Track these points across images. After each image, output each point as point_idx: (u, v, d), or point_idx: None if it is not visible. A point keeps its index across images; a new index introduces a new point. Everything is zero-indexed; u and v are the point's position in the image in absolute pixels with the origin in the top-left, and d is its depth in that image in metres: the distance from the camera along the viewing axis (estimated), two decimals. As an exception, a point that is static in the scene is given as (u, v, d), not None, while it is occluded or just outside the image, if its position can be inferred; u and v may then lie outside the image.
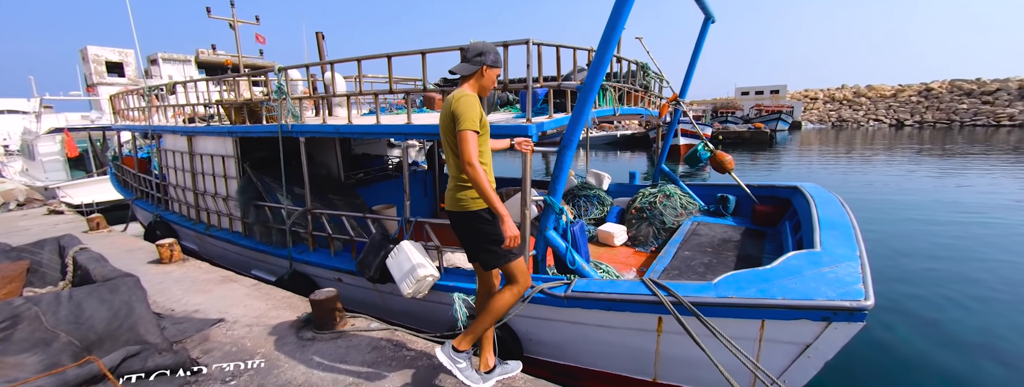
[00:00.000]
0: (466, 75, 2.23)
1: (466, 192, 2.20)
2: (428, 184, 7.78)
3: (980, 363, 4.13)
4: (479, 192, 2.09)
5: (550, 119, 3.10)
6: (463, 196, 2.20)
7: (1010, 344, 4.43)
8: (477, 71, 2.22)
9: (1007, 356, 4.22)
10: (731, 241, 4.76)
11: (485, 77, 2.24)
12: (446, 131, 2.18)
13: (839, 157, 20.17)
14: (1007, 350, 4.32)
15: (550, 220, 3.02)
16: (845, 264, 2.55)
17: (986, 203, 10.31)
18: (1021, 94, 35.44)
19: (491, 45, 2.27)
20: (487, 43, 2.28)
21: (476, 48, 2.23)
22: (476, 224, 2.21)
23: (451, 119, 2.10)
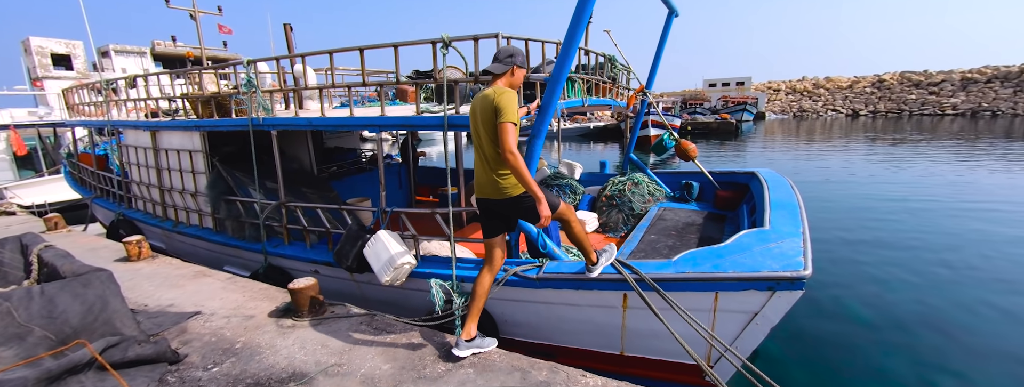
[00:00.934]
0: (498, 74, 2.43)
1: (507, 180, 2.39)
2: (402, 176, 7.80)
3: (916, 329, 4.57)
4: (520, 177, 2.27)
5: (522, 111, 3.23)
6: (506, 184, 2.39)
7: (942, 312, 4.90)
8: (508, 70, 2.43)
9: (939, 322, 4.68)
10: (694, 225, 5.04)
11: (515, 76, 2.45)
12: (485, 122, 2.33)
13: (800, 146, 21.17)
14: (939, 317, 4.78)
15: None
16: (789, 240, 2.81)
17: (927, 185, 11.13)
18: (963, 85, 37.88)
19: (519, 48, 2.54)
20: (516, 47, 2.56)
21: (507, 51, 2.47)
22: (522, 206, 2.43)
23: (493, 111, 2.26)
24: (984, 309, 4.94)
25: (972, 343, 4.30)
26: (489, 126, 2.32)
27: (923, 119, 34.41)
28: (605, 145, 25.39)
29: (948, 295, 5.31)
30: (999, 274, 5.82)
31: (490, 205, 2.51)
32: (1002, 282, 5.56)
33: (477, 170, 2.50)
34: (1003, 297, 5.17)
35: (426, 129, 3.30)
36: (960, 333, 4.48)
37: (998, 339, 4.36)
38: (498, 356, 2.63)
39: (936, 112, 36.91)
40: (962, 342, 4.32)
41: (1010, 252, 6.52)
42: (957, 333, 4.48)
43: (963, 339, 4.37)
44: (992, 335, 4.44)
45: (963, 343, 4.31)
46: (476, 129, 2.40)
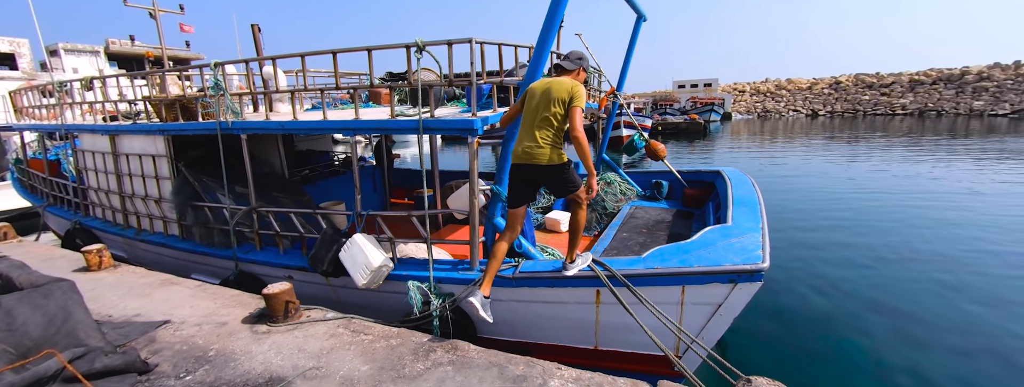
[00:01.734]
0: (568, 70, 2.92)
1: (557, 151, 2.79)
2: (376, 179, 7.74)
3: (866, 314, 4.90)
4: (583, 153, 2.66)
5: (494, 113, 3.30)
6: (553, 153, 2.78)
7: (891, 295, 5.27)
8: (577, 69, 2.94)
9: (885, 307, 5.02)
10: (664, 222, 5.23)
11: (580, 75, 2.96)
12: (555, 101, 2.71)
13: (764, 145, 22.06)
14: (886, 301, 5.14)
15: (497, 208, 3.24)
16: (749, 235, 2.99)
17: (879, 179, 11.84)
18: (911, 87, 40.33)
19: (586, 54, 3.04)
20: (583, 52, 3.06)
21: (577, 54, 3.01)
22: (562, 173, 2.83)
23: (569, 96, 2.69)
24: (922, 288, 5.41)
25: (915, 319, 4.70)
26: (555, 105, 2.71)
27: (876, 119, 36.43)
28: (579, 145, 25.71)
29: (893, 277, 5.74)
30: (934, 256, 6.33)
31: (530, 171, 2.82)
32: (935, 262, 6.03)
33: (524, 140, 2.81)
34: (940, 275, 5.68)
35: (401, 133, 3.33)
36: (903, 312, 4.88)
37: (936, 315, 4.78)
38: (476, 353, 2.69)
39: (888, 112, 39.15)
40: (906, 320, 4.70)
41: (946, 236, 7.05)
42: (901, 312, 4.87)
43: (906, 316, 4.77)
44: (930, 311, 4.87)
45: (907, 321, 4.69)
46: (539, 104, 2.76)
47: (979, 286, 5.46)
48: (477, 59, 2.98)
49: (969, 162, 14.32)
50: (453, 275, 3.31)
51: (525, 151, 2.78)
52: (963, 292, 5.32)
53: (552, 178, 2.83)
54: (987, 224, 7.77)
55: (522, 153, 2.80)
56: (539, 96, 2.76)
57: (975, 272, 5.86)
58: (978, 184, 10.99)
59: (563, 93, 2.68)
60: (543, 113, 2.72)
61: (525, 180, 2.90)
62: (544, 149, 2.74)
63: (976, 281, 5.59)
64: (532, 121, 2.77)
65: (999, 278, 5.66)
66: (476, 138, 3.03)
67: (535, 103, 2.77)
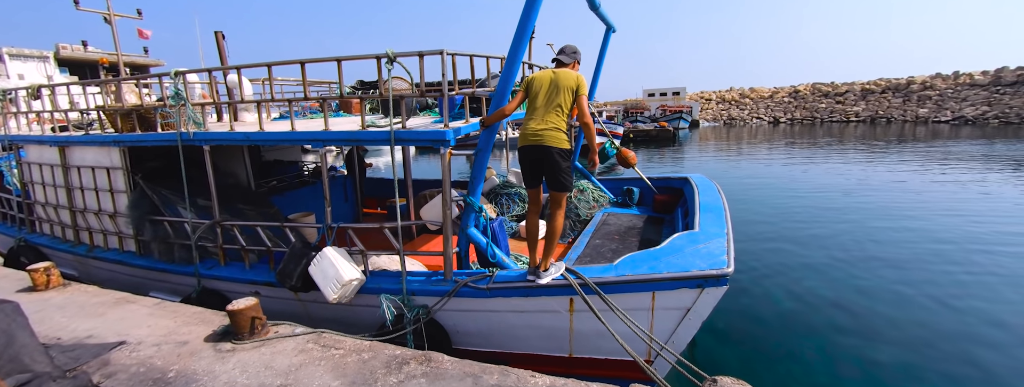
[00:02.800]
0: (566, 63, 3.14)
1: (563, 136, 2.97)
2: (348, 189, 7.60)
3: (829, 311, 5.13)
4: (591, 133, 3.01)
5: (467, 124, 3.32)
6: (560, 137, 2.96)
7: (847, 292, 5.54)
8: (573, 62, 3.16)
9: (842, 303, 5.28)
10: (635, 228, 5.35)
11: (576, 67, 3.19)
12: (563, 90, 2.93)
13: (729, 151, 22.89)
14: (843, 298, 5.40)
15: (470, 218, 3.24)
16: (715, 240, 3.10)
17: (834, 183, 12.47)
18: (863, 95, 42.80)
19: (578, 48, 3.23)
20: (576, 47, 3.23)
21: (571, 48, 3.21)
22: (565, 159, 2.99)
23: (576, 85, 2.93)
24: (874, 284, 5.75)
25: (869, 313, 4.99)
26: (564, 93, 2.93)
27: (832, 125, 38.43)
28: (553, 153, 25.97)
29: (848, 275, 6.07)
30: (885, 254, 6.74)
31: (538, 152, 2.98)
32: (885, 260, 6.41)
33: (532, 123, 2.98)
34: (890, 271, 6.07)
35: (372, 144, 3.30)
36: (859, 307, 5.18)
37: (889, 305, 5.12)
38: (450, 364, 2.67)
39: (842, 119, 41.37)
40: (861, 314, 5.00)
41: (894, 237, 7.49)
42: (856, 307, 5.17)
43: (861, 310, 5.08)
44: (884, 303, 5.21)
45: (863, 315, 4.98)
46: (548, 92, 2.96)
47: (926, 280, 5.81)
48: (448, 70, 3.00)
49: (915, 164, 15.28)
50: (427, 287, 3.28)
51: (536, 133, 2.94)
52: (914, 286, 5.65)
53: (554, 161, 2.97)
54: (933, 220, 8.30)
55: (532, 135, 2.96)
56: (548, 85, 2.96)
57: (923, 268, 6.24)
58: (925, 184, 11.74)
59: (571, 82, 2.92)
60: (555, 100, 2.92)
61: (532, 161, 3.05)
62: (554, 133, 2.93)
63: (922, 275, 5.96)
64: (543, 106, 2.95)
65: (943, 274, 6.04)
66: (449, 149, 3.04)
67: (544, 91, 2.96)
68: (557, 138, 2.93)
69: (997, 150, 18.07)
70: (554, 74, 2.98)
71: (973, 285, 5.67)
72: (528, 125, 2.98)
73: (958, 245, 7.09)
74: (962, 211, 9.10)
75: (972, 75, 38.12)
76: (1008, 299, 5.26)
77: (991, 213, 8.90)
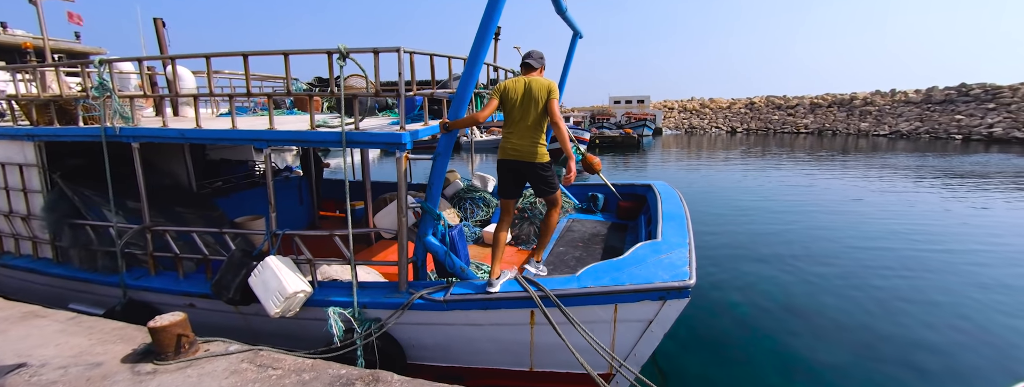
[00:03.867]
0: (535, 67, 3.12)
1: (542, 148, 3.02)
2: (304, 191, 7.20)
3: (786, 317, 5.27)
4: (564, 136, 2.94)
5: (425, 126, 3.15)
6: (541, 151, 3.03)
7: (798, 295, 5.72)
8: (541, 67, 3.15)
9: (793, 306, 5.44)
10: (599, 235, 5.32)
11: (541, 72, 3.16)
12: (538, 100, 2.94)
13: (690, 158, 23.66)
14: (794, 301, 5.57)
15: (428, 226, 3.07)
16: (677, 251, 3.06)
17: (784, 191, 13.06)
18: (812, 109, 45.50)
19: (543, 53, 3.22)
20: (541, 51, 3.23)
21: (539, 53, 3.20)
22: (548, 171, 3.08)
23: (548, 91, 2.94)
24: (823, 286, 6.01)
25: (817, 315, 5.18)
26: (538, 102, 2.94)
27: (784, 136, 40.60)
28: (521, 156, 25.99)
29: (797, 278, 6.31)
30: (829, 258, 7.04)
31: (520, 167, 3.05)
32: (833, 263, 6.70)
33: (514, 138, 3.01)
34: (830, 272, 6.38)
35: (321, 145, 3.06)
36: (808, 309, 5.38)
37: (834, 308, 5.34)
38: (399, 383, 2.48)
39: (793, 130, 43.76)
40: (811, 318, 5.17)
41: (843, 241, 7.89)
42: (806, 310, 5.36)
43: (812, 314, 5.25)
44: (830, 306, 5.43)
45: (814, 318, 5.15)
46: (525, 104, 2.96)
47: (869, 284, 6.10)
48: (406, 69, 2.82)
49: (857, 174, 16.28)
50: (380, 299, 3.07)
51: (516, 148, 3.01)
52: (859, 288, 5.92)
53: (539, 174, 3.08)
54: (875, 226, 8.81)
55: (512, 151, 3.02)
56: (522, 95, 2.96)
57: (867, 271, 6.55)
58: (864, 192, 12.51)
59: (543, 91, 2.95)
60: (533, 113, 2.96)
61: (513, 175, 3.14)
62: (535, 148, 2.99)
63: (865, 278, 6.26)
64: (521, 120, 2.98)
65: (883, 277, 6.36)
66: (405, 153, 2.86)
67: (520, 103, 2.97)
68: (539, 153, 3.01)
69: (929, 162, 19.55)
70: (527, 83, 2.98)
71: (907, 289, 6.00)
72: (509, 140, 3.03)
73: (896, 251, 7.52)
74: (901, 218, 9.72)
75: (907, 93, 41.29)
76: (937, 301, 5.59)
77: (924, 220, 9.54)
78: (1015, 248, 7.65)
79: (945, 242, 7.98)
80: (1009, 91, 33.82)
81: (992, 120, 31.82)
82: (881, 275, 6.46)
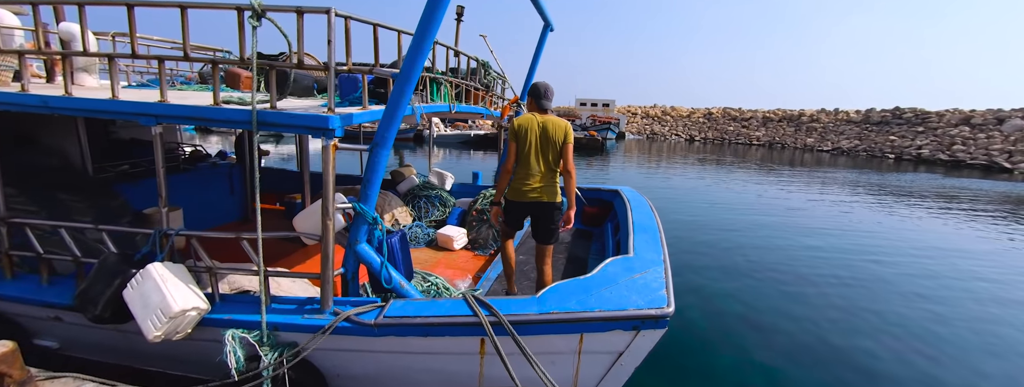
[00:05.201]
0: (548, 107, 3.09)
1: (556, 188, 3.08)
2: (235, 180, 6.36)
3: (737, 324, 5.07)
4: (573, 185, 3.04)
5: (363, 111, 2.59)
6: (555, 191, 3.08)
7: (753, 306, 5.55)
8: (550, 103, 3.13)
9: (753, 314, 5.28)
10: (563, 243, 4.93)
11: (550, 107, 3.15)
12: (555, 142, 2.99)
13: (651, 163, 24.02)
14: (751, 311, 5.42)
15: (362, 231, 2.51)
16: (652, 269, 2.68)
17: (735, 200, 13.33)
18: (764, 122, 47.86)
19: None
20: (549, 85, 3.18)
21: (553, 91, 3.14)
22: (556, 211, 3.11)
23: (564, 135, 2.99)
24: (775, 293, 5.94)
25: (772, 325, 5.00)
26: (558, 145, 2.99)
27: (738, 146, 42.37)
28: (485, 153, 25.50)
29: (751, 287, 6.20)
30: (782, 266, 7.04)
31: (535, 208, 3.11)
32: (781, 272, 6.68)
33: (532, 181, 3.03)
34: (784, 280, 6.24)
35: (225, 125, 2.44)
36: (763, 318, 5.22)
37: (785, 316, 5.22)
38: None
39: (746, 142, 45.76)
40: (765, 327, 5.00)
41: (790, 252, 7.97)
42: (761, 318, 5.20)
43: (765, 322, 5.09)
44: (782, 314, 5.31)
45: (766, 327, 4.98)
46: (543, 146, 2.99)
47: (819, 292, 6.06)
48: (339, 38, 2.26)
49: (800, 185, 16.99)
50: (297, 320, 2.49)
51: (535, 191, 3.03)
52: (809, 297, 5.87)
53: (551, 218, 3.10)
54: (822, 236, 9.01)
55: (531, 193, 3.02)
56: (540, 135, 2.97)
57: (818, 280, 6.56)
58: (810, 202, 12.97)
59: (560, 134, 2.96)
60: (551, 155, 3.00)
61: (524, 215, 3.20)
62: (554, 188, 3.06)
63: (817, 286, 6.24)
64: (537, 163, 2.99)
65: (831, 285, 6.36)
66: (333, 141, 2.29)
67: (534, 143, 2.97)
68: (553, 193, 3.04)
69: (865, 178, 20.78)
70: (542, 123, 2.97)
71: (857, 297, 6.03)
72: (526, 182, 3.02)
73: (841, 258, 7.65)
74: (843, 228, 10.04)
75: (848, 113, 44.23)
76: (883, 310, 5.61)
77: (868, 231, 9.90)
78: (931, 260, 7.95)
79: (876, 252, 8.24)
80: (936, 116, 36.89)
81: (921, 142, 34.53)
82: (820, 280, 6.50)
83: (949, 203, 14.11)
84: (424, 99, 3.72)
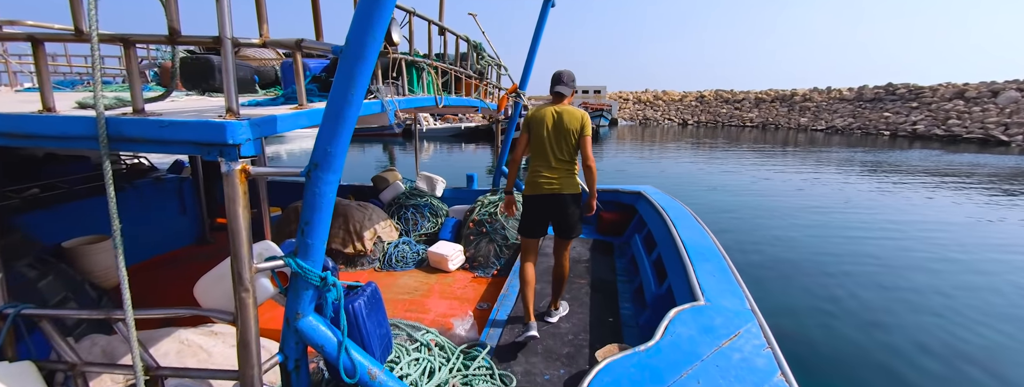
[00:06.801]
0: (565, 94, 2.91)
1: (574, 179, 2.90)
2: (187, 197, 5.39)
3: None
4: (593, 178, 2.88)
5: (295, 111, 1.66)
6: (574, 182, 2.89)
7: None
8: (572, 92, 2.95)
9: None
10: (581, 261, 4.08)
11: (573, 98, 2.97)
12: (571, 133, 2.80)
13: (645, 149, 23.22)
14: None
15: (305, 300, 1.60)
16: (745, 329, 1.83)
17: (737, 182, 12.58)
18: (757, 103, 47.20)
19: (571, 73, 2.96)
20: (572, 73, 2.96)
21: (571, 75, 2.95)
22: (574, 203, 2.91)
23: (581, 125, 2.81)
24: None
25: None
26: (571, 135, 2.80)
27: (731, 129, 41.74)
28: (477, 146, 24.50)
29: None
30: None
31: (553, 200, 2.86)
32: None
33: (545, 171, 2.85)
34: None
35: (54, 143, 1.50)
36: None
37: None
38: None
39: (739, 124, 45.18)
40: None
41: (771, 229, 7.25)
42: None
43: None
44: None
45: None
46: (556, 137, 2.81)
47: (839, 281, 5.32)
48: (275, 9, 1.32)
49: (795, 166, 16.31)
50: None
51: (549, 182, 2.85)
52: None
53: (569, 209, 2.89)
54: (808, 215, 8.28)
55: (545, 184, 2.86)
56: (552, 127, 2.82)
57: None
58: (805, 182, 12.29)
59: (575, 124, 2.79)
60: (566, 147, 2.82)
61: (542, 211, 2.94)
62: (572, 178, 2.88)
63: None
64: (552, 154, 2.83)
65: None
66: (240, 164, 1.37)
67: (548, 135, 2.82)
68: (571, 184, 2.87)
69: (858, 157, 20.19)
70: (557, 113, 2.82)
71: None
72: (540, 173, 2.88)
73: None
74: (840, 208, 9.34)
75: (841, 91, 43.69)
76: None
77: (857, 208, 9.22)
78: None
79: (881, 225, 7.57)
80: (929, 91, 36.46)
81: (915, 118, 34.15)
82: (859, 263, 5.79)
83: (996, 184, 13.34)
84: (400, 90, 2.80)
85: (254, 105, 1.93)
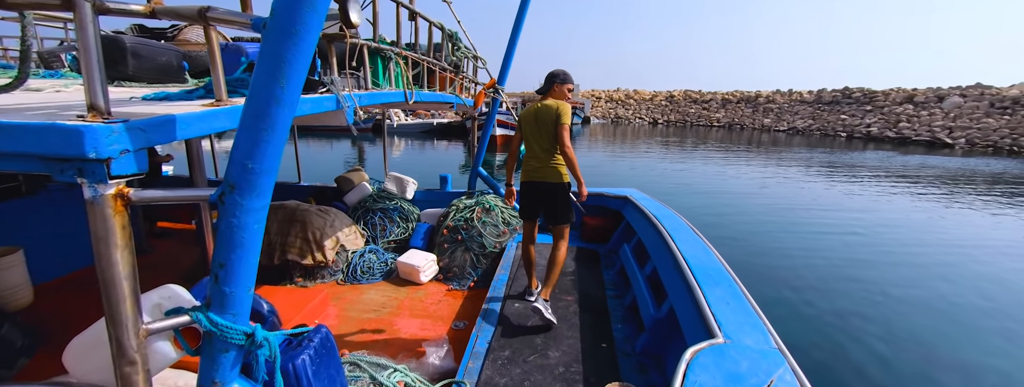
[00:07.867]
0: (546, 91, 3.09)
1: (562, 168, 3.00)
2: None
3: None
4: (574, 166, 2.93)
5: (211, 108, 1.23)
6: (562, 171, 3.01)
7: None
8: (551, 88, 3.07)
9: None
10: (566, 273, 3.75)
11: (557, 91, 3.06)
12: (547, 124, 2.93)
13: (617, 147, 23.30)
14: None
15: (222, 365, 1.18)
16: (777, 376, 1.54)
17: (699, 178, 12.70)
18: (723, 104, 48.51)
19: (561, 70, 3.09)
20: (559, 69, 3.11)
21: (557, 73, 3.09)
22: (568, 192, 3.06)
23: (556, 115, 2.91)
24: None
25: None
26: (549, 126, 2.93)
27: (699, 128, 42.72)
28: (449, 143, 23.87)
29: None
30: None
31: (541, 187, 3.05)
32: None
33: (532, 161, 3.06)
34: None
35: None
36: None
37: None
38: None
39: (707, 124, 46.31)
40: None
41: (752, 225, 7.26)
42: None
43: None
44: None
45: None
46: (537, 130, 2.99)
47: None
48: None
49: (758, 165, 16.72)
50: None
51: (535, 170, 3.05)
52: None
53: (559, 196, 3.03)
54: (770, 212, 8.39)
55: (532, 172, 3.07)
56: (533, 120, 2.99)
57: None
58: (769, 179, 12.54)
59: (551, 115, 2.92)
60: (545, 138, 2.96)
61: (536, 196, 3.10)
62: (556, 167, 3.00)
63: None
64: (535, 144, 3.02)
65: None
66: (115, 188, 0.93)
67: (530, 129, 3.02)
68: (555, 172, 2.99)
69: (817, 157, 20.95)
70: (537, 108, 3.00)
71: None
72: (529, 162, 3.09)
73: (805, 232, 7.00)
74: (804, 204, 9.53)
75: (801, 93, 45.48)
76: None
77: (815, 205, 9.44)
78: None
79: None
80: (882, 95, 38.42)
81: (870, 121, 35.89)
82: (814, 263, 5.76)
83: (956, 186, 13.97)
84: (362, 83, 2.36)
85: (160, 99, 1.47)
